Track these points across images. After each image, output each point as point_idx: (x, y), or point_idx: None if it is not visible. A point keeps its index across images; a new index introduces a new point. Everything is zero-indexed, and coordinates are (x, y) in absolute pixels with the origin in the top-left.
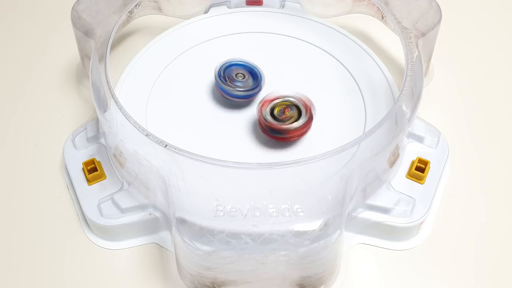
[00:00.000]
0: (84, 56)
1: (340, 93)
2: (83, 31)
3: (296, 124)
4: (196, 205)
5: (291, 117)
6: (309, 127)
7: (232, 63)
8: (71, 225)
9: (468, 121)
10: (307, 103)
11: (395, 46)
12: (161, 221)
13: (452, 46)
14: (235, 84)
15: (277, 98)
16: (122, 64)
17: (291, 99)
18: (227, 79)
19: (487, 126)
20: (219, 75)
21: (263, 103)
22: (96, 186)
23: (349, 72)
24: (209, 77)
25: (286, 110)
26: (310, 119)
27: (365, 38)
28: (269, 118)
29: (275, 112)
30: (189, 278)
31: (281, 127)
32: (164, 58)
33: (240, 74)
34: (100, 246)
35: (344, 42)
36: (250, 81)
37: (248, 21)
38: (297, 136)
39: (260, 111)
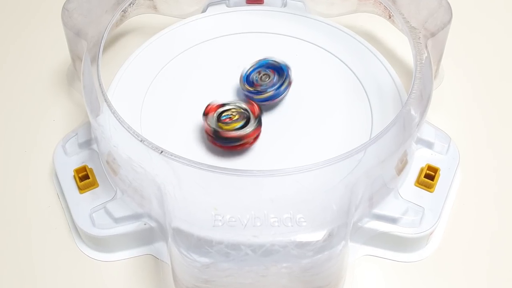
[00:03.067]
0: (76, 57)
1: (345, 97)
2: (74, 31)
3: (243, 131)
4: (194, 214)
5: (237, 123)
6: (259, 134)
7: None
8: (62, 236)
9: (480, 125)
10: (254, 107)
11: (403, 47)
12: (157, 231)
13: (463, 47)
14: (260, 88)
15: (222, 106)
16: (116, 66)
17: (237, 104)
18: (253, 84)
19: (499, 131)
20: (247, 82)
21: (209, 110)
22: (88, 194)
23: (355, 75)
24: (207, 80)
25: (232, 116)
26: (259, 126)
27: (372, 39)
28: (214, 125)
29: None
30: None
31: (229, 134)
32: (160, 60)
33: (265, 75)
34: (92, 257)
35: (350, 43)
36: (275, 79)
37: (248, 20)
38: (248, 144)
39: (205, 119)
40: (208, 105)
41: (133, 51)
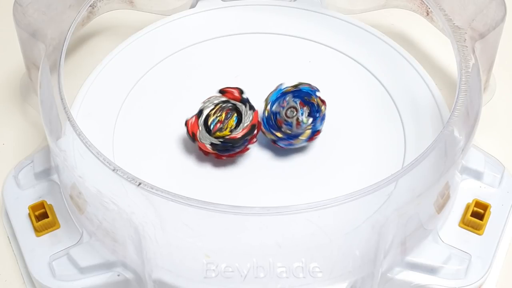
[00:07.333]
0: (31, 64)
1: (371, 114)
2: (30, 32)
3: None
4: (180, 262)
5: (231, 120)
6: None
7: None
8: None
9: None
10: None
11: (444, 52)
12: (133, 284)
13: None
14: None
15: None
16: (82, 76)
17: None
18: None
19: None
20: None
21: (193, 129)
22: (46, 237)
23: (383, 86)
24: (195, 93)
25: (220, 117)
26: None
27: (405, 41)
28: (209, 140)
29: (209, 122)
30: None
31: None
32: (137, 68)
33: (290, 109)
34: None
35: (376, 47)
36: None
37: (248, 18)
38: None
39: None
40: (187, 123)
41: (103, 56)
